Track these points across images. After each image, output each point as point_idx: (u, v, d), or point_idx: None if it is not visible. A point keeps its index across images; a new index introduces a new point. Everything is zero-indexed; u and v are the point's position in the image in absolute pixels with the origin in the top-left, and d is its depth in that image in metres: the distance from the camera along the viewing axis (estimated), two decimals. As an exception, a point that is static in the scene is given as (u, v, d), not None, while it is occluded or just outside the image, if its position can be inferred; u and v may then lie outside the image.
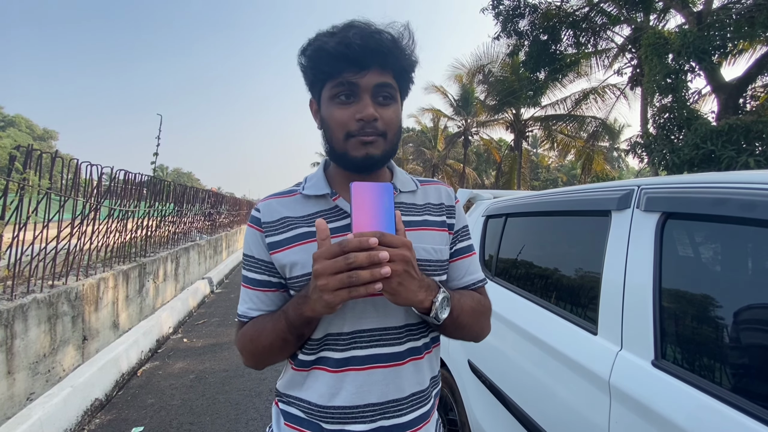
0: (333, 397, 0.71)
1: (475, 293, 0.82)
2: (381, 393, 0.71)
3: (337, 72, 0.69)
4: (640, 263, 1.05)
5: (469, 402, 1.77)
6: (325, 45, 0.68)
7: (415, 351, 0.74)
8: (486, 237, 2.17)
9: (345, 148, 0.71)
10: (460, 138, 21.67)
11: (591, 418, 1.05)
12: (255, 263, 0.77)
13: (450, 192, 0.86)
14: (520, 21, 10.47)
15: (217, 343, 4.34)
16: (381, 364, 0.71)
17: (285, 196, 0.79)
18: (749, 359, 0.84)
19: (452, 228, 0.82)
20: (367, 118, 0.68)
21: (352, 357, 0.71)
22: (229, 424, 2.71)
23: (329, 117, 0.72)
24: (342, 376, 0.71)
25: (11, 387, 2.32)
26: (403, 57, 0.72)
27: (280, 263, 0.74)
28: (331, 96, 0.71)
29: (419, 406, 0.74)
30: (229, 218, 11.04)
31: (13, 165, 2.56)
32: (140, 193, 4.56)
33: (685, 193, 0.99)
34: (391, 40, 0.70)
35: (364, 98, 0.69)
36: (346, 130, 0.70)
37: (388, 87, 0.71)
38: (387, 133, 0.72)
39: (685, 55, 6.85)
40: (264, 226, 0.76)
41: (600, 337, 1.12)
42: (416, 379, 0.74)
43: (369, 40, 0.67)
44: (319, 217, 0.74)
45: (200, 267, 7.05)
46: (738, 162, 5.75)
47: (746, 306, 0.87)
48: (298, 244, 0.73)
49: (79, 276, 3.26)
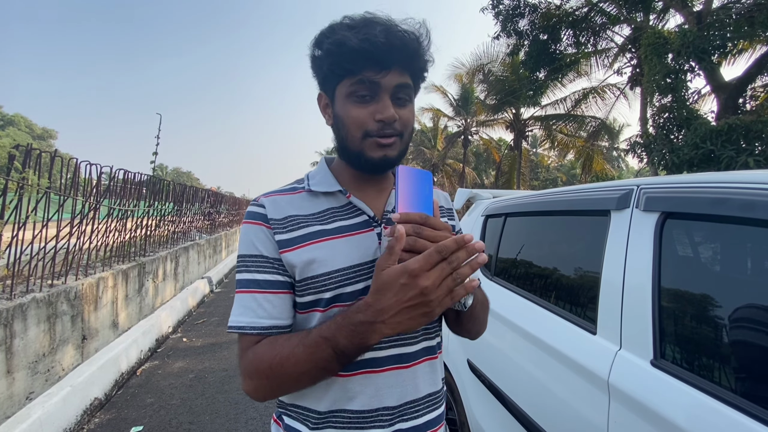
0: (349, 401, 0.66)
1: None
2: (400, 395, 0.68)
3: (358, 69, 0.66)
4: (640, 263, 1.05)
5: (468, 401, 1.77)
6: (347, 40, 0.64)
7: (430, 350, 0.74)
8: (485, 237, 2.17)
9: (361, 148, 0.69)
10: (459, 137, 21.66)
11: (590, 418, 1.05)
12: (264, 262, 0.68)
13: (447, 196, 0.87)
14: (519, 20, 10.47)
15: (216, 342, 4.34)
16: (398, 365, 0.69)
17: (288, 193, 0.74)
18: (748, 359, 0.84)
19: (453, 230, 0.82)
20: (388, 120, 0.67)
21: (372, 359, 0.67)
22: (228, 423, 2.71)
23: (345, 115, 0.69)
24: (359, 379, 0.67)
25: (11, 386, 2.32)
26: (423, 57, 0.70)
27: (289, 263, 0.68)
28: (349, 93, 0.68)
29: (435, 407, 0.73)
30: (228, 217, 11.04)
31: (12, 164, 2.56)
32: (140, 192, 4.55)
33: (685, 193, 0.99)
34: (416, 39, 0.68)
35: (384, 98, 0.67)
36: (364, 130, 0.68)
37: (407, 88, 0.69)
38: (404, 133, 0.71)
39: (684, 55, 6.86)
40: (272, 223, 0.70)
41: (599, 336, 1.12)
42: (431, 379, 0.73)
43: (394, 40, 0.64)
44: (331, 214, 0.71)
45: (200, 266, 7.05)
46: (737, 162, 5.75)
47: (745, 306, 0.87)
48: (313, 242, 0.68)
49: (78, 275, 3.26)
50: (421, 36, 0.70)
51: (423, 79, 0.76)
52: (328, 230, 0.70)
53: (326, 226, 0.70)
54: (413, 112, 0.73)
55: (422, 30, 0.70)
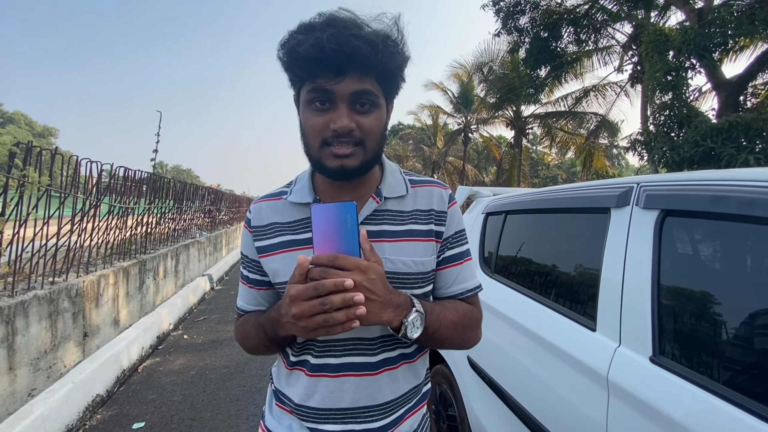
0: (308, 398, 0.73)
1: (462, 304, 0.78)
2: (352, 399, 0.71)
3: (311, 77, 0.64)
4: (639, 260, 1.05)
5: (468, 398, 1.78)
6: (297, 47, 0.62)
7: (390, 361, 0.73)
8: (486, 234, 2.18)
9: (320, 156, 0.68)
10: (460, 135, 21.63)
11: (589, 414, 1.05)
12: (248, 262, 0.80)
13: (444, 195, 0.79)
14: (520, 17, 10.43)
15: (217, 339, 4.35)
16: (353, 373, 0.71)
17: (275, 198, 0.79)
18: (746, 356, 0.84)
19: (440, 236, 0.77)
20: (341, 130, 0.64)
21: (326, 364, 0.72)
22: (229, 419, 2.73)
23: (305, 122, 0.68)
24: (316, 380, 0.72)
25: (13, 383, 2.33)
26: (388, 59, 0.65)
27: (266, 267, 0.76)
28: (307, 101, 0.67)
29: (392, 412, 0.74)
30: (228, 215, 11.04)
31: (12, 162, 2.56)
32: (140, 190, 4.55)
33: (684, 191, 0.99)
34: (371, 42, 0.62)
35: (340, 107, 0.64)
36: (321, 138, 0.66)
37: (368, 94, 0.65)
38: (366, 141, 0.67)
39: (685, 52, 6.84)
40: (253, 229, 0.78)
41: (599, 333, 1.13)
42: (391, 388, 0.73)
43: (345, 45, 0.60)
44: (304, 224, 0.74)
45: (200, 264, 7.06)
46: (738, 160, 5.75)
47: (744, 303, 0.88)
48: (281, 251, 0.74)
49: (79, 273, 3.27)
50: (385, 36, 0.65)
51: (398, 78, 0.71)
52: (296, 241, 0.74)
53: (297, 236, 0.74)
54: (380, 119, 0.69)
55: (391, 26, 0.67)
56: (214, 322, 4.97)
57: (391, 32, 0.67)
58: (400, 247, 0.72)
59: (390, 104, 0.74)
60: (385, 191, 0.76)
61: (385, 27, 0.67)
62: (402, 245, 0.73)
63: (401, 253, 0.72)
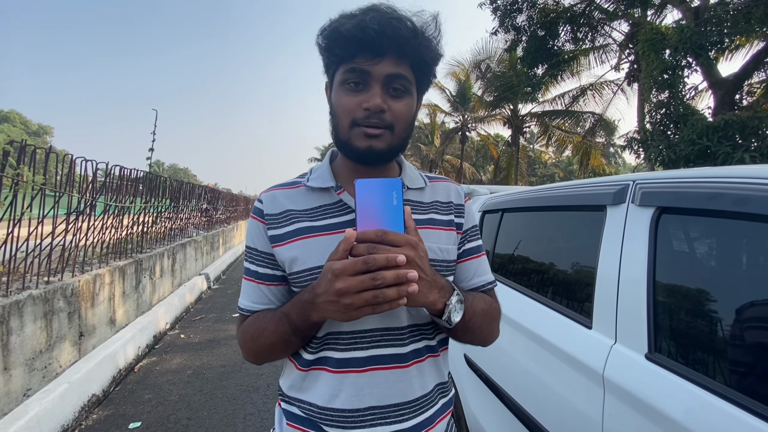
0: (334, 399, 0.67)
1: (486, 296, 0.79)
2: (381, 396, 0.67)
3: (350, 56, 0.66)
4: (635, 258, 1.05)
5: (465, 395, 1.78)
6: (341, 27, 0.64)
7: (418, 353, 0.71)
8: (482, 232, 2.18)
9: (349, 137, 0.68)
10: (457, 133, 21.63)
11: (585, 411, 1.06)
12: (258, 256, 0.74)
13: (460, 190, 0.82)
14: (517, 16, 10.42)
15: (214, 338, 4.34)
16: (382, 366, 0.68)
17: (289, 187, 0.76)
18: (741, 353, 0.84)
19: (461, 227, 0.78)
20: (373, 108, 0.65)
21: (353, 358, 0.68)
22: (226, 419, 2.72)
23: (337, 102, 0.69)
24: (342, 377, 0.67)
25: (8, 383, 2.32)
26: (424, 48, 0.67)
27: (280, 258, 0.71)
28: (342, 81, 0.68)
29: (422, 411, 0.70)
30: (225, 214, 11.00)
31: (6, 160, 2.54)
32: (136, 188, 4.53)
33: (680, 188, 0.99)
34: (412, 28, 0.65)
35: (374, 87, 0.66)
36: (351, 118, 0.67)
37: (402, 78, 0.67)
38: (395, 126, 0.68)
39: (682, 51, 6.86)
40: (267, 218, 0.73)
41: (594, 330, 1.13)
42: (420, 383, 0.70)
43: (386, 26, 0.62)
44: (323, 211, 0.72)
45: (197, 263, 7.04)
46: (734, 158, 5.78)
47: (739, 300, 0.88)
48: (299, 238, 0.70)
49: (74, 272, 3.25)
50: (423, 25, 0.67)
51: (430, 73, 0.73)
52: (315, 227, 0.71)
53: (315, 222, 0.71)
54: (411, 106, 0.70)
55: (429, 20, 0.69)
56: (211, 322, 4.96)
57: (429, 26, 0.69)
58: (424, 234, 0.70)
59: (420, 97, 0.75)
60: (406, 181, 0.76)
61: (424, 22, 0.68)
62: (426, 232, 0.72)
63: (426, 240, 0.69)
